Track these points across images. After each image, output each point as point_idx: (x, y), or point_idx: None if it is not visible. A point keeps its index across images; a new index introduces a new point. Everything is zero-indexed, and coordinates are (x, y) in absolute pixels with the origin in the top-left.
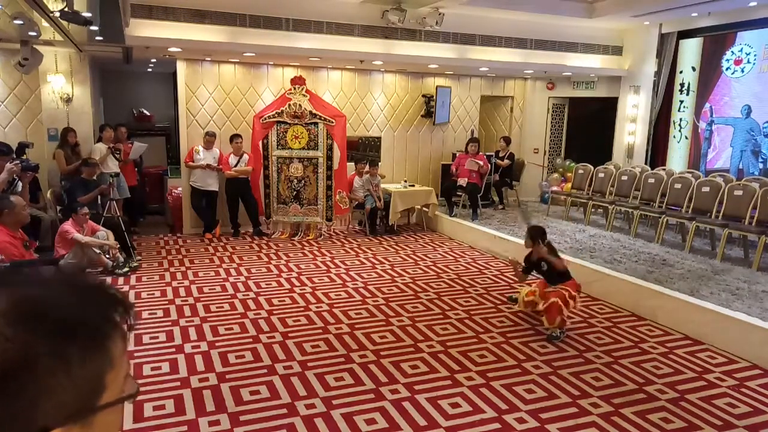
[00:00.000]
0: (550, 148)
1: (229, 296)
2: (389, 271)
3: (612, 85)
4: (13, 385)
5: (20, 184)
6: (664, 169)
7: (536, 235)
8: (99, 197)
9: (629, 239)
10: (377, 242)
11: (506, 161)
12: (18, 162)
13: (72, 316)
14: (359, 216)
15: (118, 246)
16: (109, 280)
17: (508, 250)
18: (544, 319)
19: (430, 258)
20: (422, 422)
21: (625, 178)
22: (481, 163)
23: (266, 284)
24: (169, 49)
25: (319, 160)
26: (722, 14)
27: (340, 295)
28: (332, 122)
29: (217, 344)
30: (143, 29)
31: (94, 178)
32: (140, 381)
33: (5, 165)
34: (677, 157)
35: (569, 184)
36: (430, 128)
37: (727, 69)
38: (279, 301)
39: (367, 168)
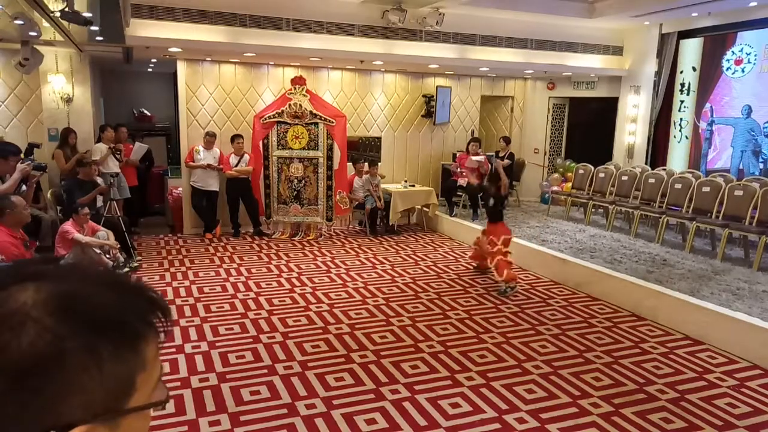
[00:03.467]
0: (551, 148)
1: (230, 296)
2: (389, 271)
3: (612, 85)
4: (42, 375)
5: (24, 185)
6: (664, 169)
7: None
8: (100, 197)
9: (629, 239)
10: (377, 242)
11: (506, 161)
12: (30, 162)
13: (109, 314)
14: (359, 216)
15: (119, 246)
16: None
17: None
18: (495, 274)
19: (430, 258)
20: (422, 422)
21: (625, 178)
22: (482, 158)
23: (266, 284)
24: (169, 49)
25: (319, 160)
26: (722, 14)
27: (340, 295)
28: (332, 122)
29: (217, 344)
30: (143, 29)
31: (95, 178)
32: None
33: (17, 165)
34: (677, 157)
35: (569, 184)
36: (430, 128)
37: (727, 69)
38: (279, 301)
39: (366, 168)
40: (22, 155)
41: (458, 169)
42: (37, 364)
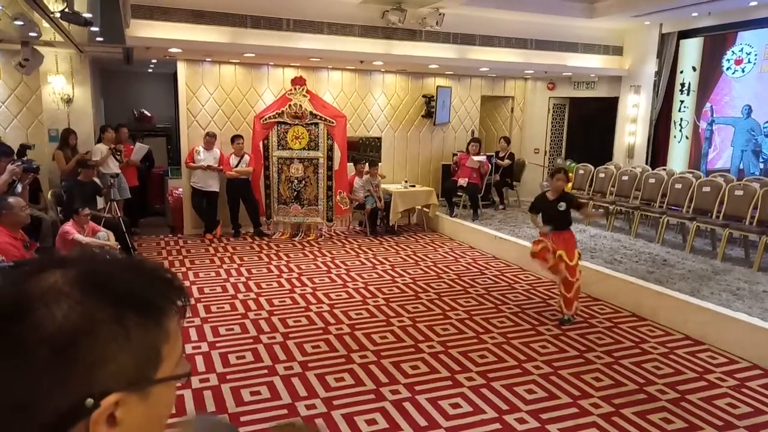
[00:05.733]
0: (551, 148)
1: (230, 297)
2: (390, 272)
3: (612, 85)
4: (77, 345)
5: (19, 185)
6: (664, 169)
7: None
8: (101, 198)
9: (630, 239)
10: (378, 243)
11: (506, 161)
12: (20, 163)
13: (132, 289)
14: (360, 216)
15: (119, 247)
16: None
17: (509, 250)
18: (563, 304)
19: (430, 258)
20: (423, 423)
21: (625, 178)
22: (483, 159)
23: (267, 285)
24: (169, 50)
25: (319, 160)
26: (722, 14)
27: (340, 295)
28: (333, 123)
29: (217, 345)
30: (144, 30)
31: (95, 179)
32: None
33: (7, 166)
34: (678, 157)
35: (570, 185)
36: (430, 128)
37: (727, 69)
38: (279, 301)
39: (366, 168)
40: (14, 156)
41: (457, 168)
42: (72, 335)
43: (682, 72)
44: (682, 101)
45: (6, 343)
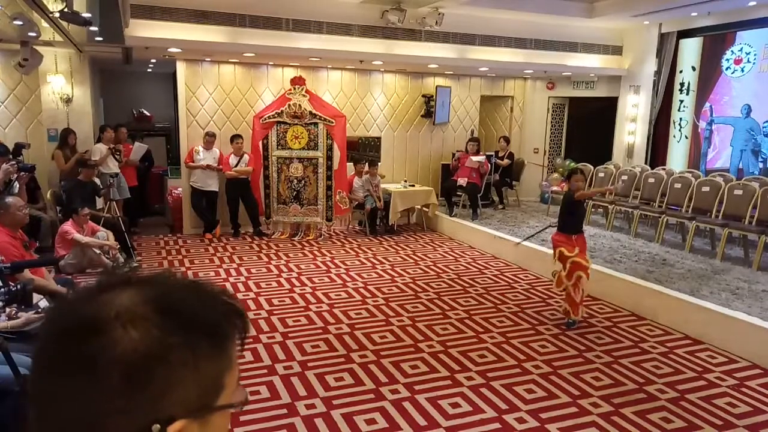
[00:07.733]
0: (550, 147)
1: None
2: (389, 271)
3: (612, 84)
4: (150, 369)
5: (17, 184)
6: (664, 169)
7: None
8: (100, 198)
9: (629, 239)
10: (377, 242)
11: (506, 161)
12: (14, 163)
13: (203, 314)
14: (359, 216)
15: (118, 246)
16: None
17: (509, 250)
18: (568, 307)
19: (430, 258)
20: (422, 422)
21: (625, 177)
22: (483, 158)
23: (266, 284)
24: (168, 50)
25: (319, 160)
26: (722, 14)
27: (340, 295)
28: (332, 122)
29: None
30: (143, 29)
31: (94, 179)
32: None
33: (2, 165)
34: (677, 157)
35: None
36: (430, 128)
37: (727, 68)
38: (279, 301)
39: (366, 168)
40: (10, 155)
41: (456, 168)
42: (146, 359)
43: (681, 72)
44: (681, 101)
45: (77, 359)
